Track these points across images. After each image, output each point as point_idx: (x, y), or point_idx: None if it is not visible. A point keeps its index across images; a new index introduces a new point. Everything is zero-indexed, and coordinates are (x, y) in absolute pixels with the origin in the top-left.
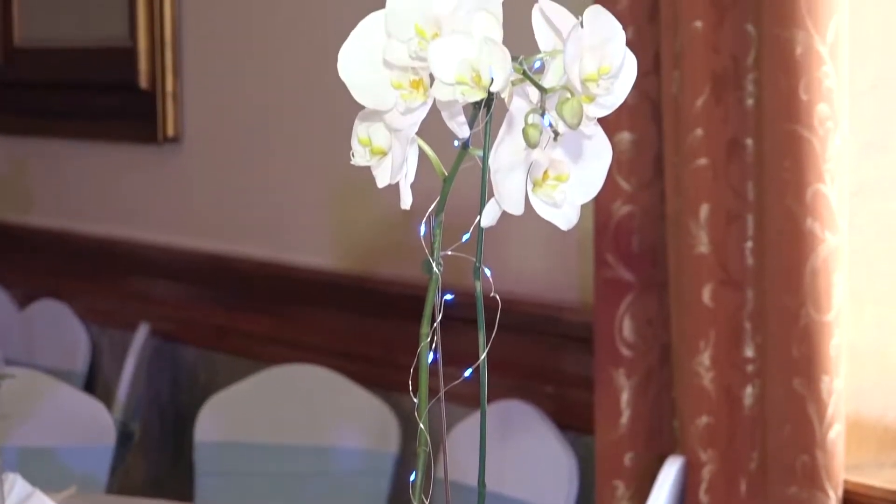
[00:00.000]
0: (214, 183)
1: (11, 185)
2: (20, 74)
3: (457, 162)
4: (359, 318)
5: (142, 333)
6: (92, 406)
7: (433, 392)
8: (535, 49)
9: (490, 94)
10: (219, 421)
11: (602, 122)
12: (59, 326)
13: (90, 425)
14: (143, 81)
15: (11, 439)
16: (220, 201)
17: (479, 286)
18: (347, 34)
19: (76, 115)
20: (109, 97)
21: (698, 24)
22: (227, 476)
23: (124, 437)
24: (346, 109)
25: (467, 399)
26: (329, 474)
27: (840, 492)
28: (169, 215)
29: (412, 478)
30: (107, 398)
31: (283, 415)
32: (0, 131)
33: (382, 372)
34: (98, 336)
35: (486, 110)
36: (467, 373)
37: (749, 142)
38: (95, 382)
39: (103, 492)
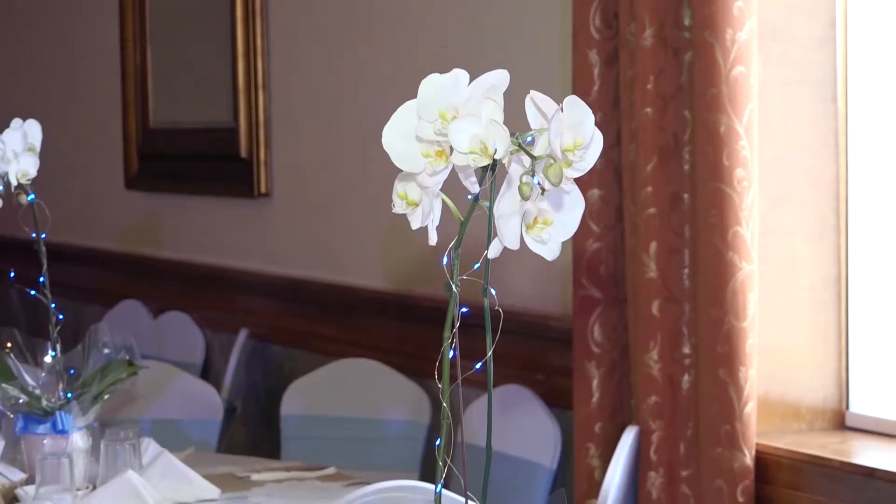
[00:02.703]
0: (295, 226)
1: (148, 229)
2: (154, 148)
3: (470, 210)
4: (400, 325)
5: (242, 336)
6: (206, 389)
7: (453, 379)
8: (527, 127)
9: (494, 160)
10: (298, 400)
11: (577, 181)
12: (182, 331)
13: (204, 403)
14: (243, 152)
15: (146, 413)
16: (299, 239)
17: (486, 302)
18: (390, 117)
19: (194, 178)
20: (218, 164)
21: (648, 110)
22: (305, 440)
23: (229, 412)
24: (389, 173)
25: (478, 384)
26: (378, 439)
27: (753, 452)
28: (261, 250)
29: (438, 442)
30: (216, 383)
31: (346, 395)
32: (140, 189)
33: (417, 364)
34: (210, 338)
35: (491, 172)
36: (478, 365)
37: (686, 196)
38: (208, 372)
39: (214, 452)
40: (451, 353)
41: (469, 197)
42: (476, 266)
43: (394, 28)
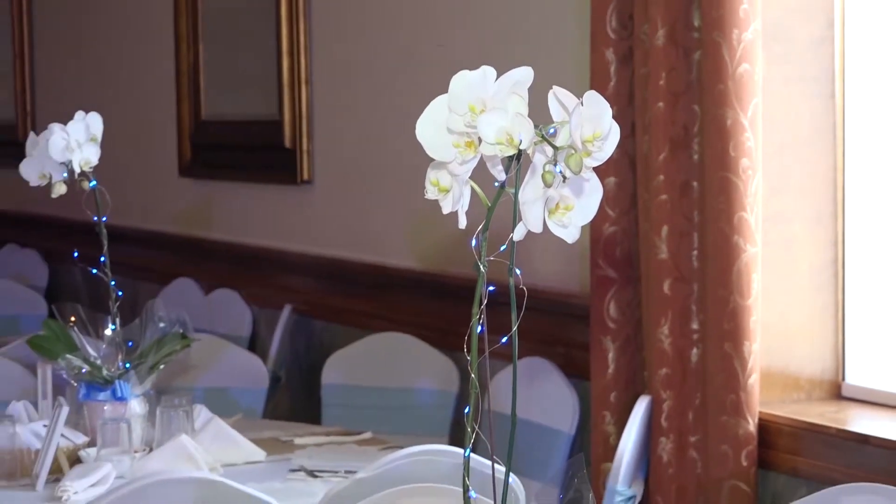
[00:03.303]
0: (335, 210)
1: (200, 213)
2: (205, 139)
3: (496, 196)
4: (431, 301)
5: (286, 312)
6: (252, 360)
7: (481, 352)
8: (550, 119)
9: (519, 150)
10: (337, 370)
11: (596, 170)
12: (231, 307)
13: (251, 373)
14: (287, 143)
15: (198, 382)
16: (338, 223)
17: (511, 281)
18: (423, 110)
19: (242, 166)
20: (264, 153)
21: (660, 104)
22: (344, 407)
23: (274, 381)
24: (422, 161)
25: (504, 356)
26: (412, 407)
27: (756, 419)
28: (303, 232)
29: (466, 410)
30: (262, 355)
31: (381, 366)
32: (193, 176)
33: (447, 338)
34: (257, 313)
35: (517, 161)
36: (504, 339)
37: (695, 184)
38: (255, 344)
39: (260, 418)
40: (479, 328)
41: (496, 184)
42: (502, 248)
43: (425, 28)
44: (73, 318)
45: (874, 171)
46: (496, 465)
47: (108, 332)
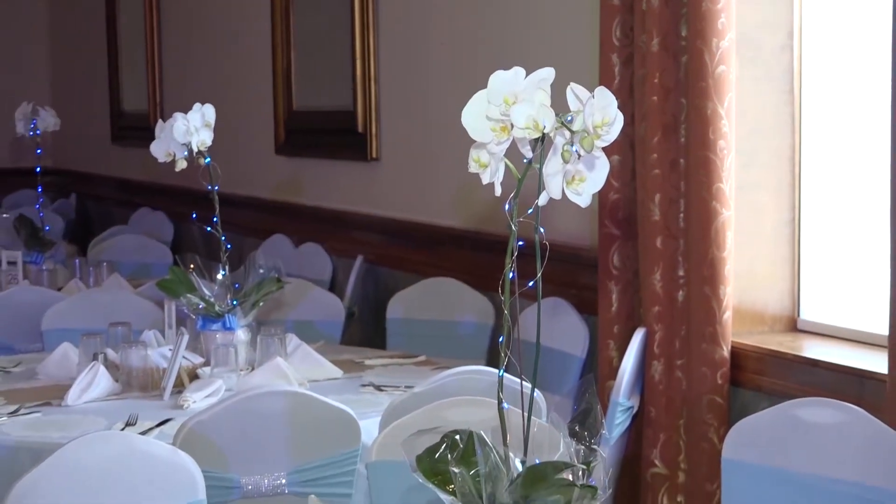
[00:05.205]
0: (397, 182)
1: (291, 183)
2: (296, 125)
3: (525, 170)
4: (473, 253)
5: (358, 261)
6: (332, 299)
7: (512, 293)
8: (567, 108)
9: (543, 134)
10: (401, 306)
11: (604, 149)
12: (316, 257)
13: (331, 309)
14: (360, 128)
15: (289, 316)
16: (400, 191)
17: (536, 238)
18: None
19: (324, 146)
20: (342, 136)
21: (654, 98)
22: (405, 336)
23: (349, 315)
24: (465, 143)
25: (530, 297)
26: (456, 336)
27: (729, 347)
28: (372, 198)
29: (500, 339)
30: (340, 295)
31: (433, 304)
32: (286, 155)
33: (485, 282)
34: (336, 262)
35: (541, 143)
36: (530, 283)
37: (682, 161)
38: (334, 286)
39: (338, 344)
40: (511, 275)
41: (525, 161)
42: (529, 211)
43: (469, 39)
44: (192, 266)
45: (825, 151)
46: (524, 383)
47: (219, 276)
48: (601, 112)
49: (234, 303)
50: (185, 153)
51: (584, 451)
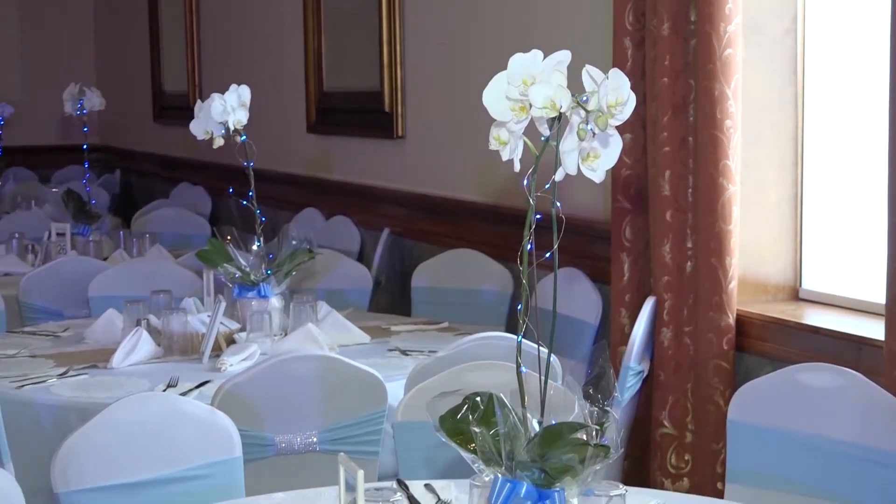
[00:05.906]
0: (422, 158)
1: (322, 159)
2: (326, 105)
3: (542, 148)
4: (493, 226)
5: (385, 233)
6: (360, 269)
7: (530, 263)
8: (583, 89)
9: (560, 113)
10: (425, 276)
11: (617, 128)
12: (345, 229)
13: (359, 278)
14: (386, 107)
15: (320, 284)
16: (424, 167)
17: (553, 211)
18: (487, 83)
19: (353, 125)
20: (369, 116)
21: (665, 79)
22: (429, 304)
23: (376, 284)
24: (486, 121)
25: (547, 267)
26: (476, 304)
27: (734, 315)
28: (398, 174)
29: (519, 307)
30: (368, 265)
31: (455, 274)
32: (317, 133)
33: (505, 253)
34: (364, 234)
35: (558, 121)
36: (547, 254)
37: (690, 139)
38: (362, 257)
39: (366, 311)
40: (529, 246)
41: (542, 138)
42: (546, 186)
43: (489, 25)
44: (229, 238)
45: (825, 130)
46: (541, 348)
47: (254, 247)
48: (615, 92)
49: (269, 272)
50: (223, 131)
51: (598, 412)
